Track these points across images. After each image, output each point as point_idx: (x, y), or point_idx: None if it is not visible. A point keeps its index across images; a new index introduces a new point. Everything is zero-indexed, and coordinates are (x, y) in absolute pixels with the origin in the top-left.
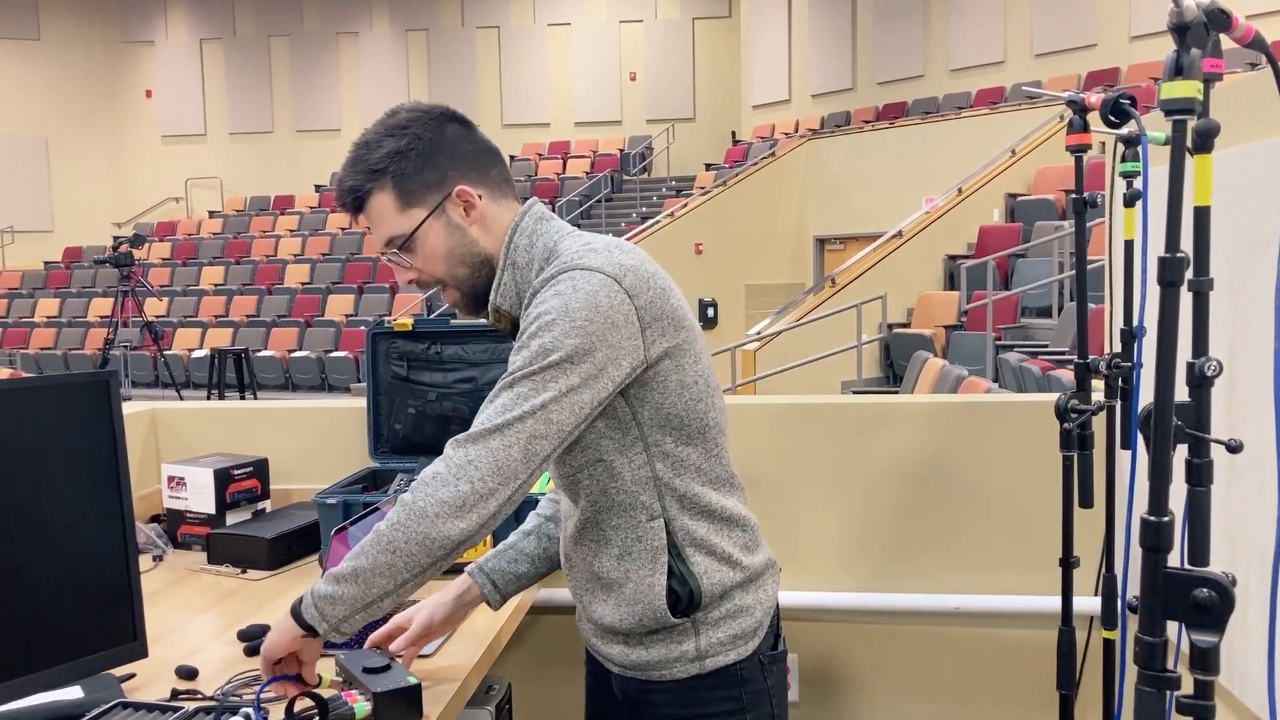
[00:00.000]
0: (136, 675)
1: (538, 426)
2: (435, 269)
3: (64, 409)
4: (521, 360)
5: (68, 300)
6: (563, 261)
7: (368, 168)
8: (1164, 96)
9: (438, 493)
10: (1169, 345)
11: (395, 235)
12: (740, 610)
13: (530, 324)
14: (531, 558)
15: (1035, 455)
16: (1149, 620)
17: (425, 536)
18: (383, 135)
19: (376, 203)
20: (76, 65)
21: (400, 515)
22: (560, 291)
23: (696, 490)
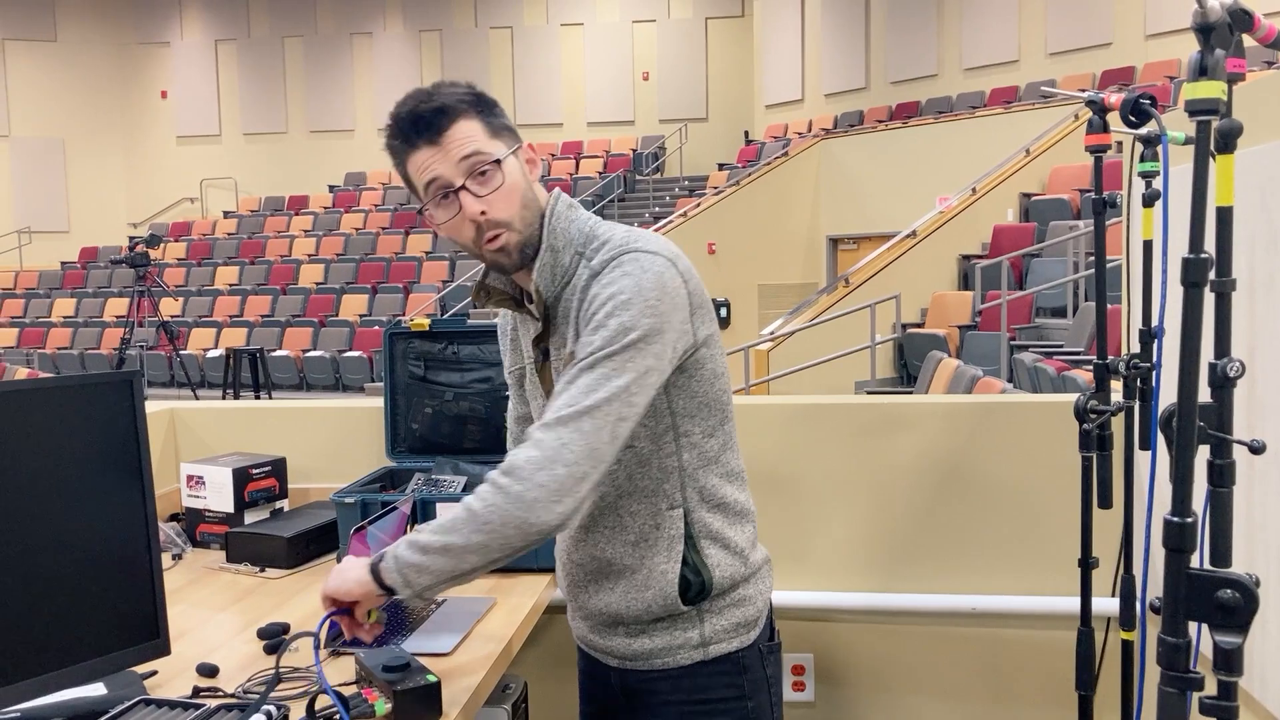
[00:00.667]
0: (158, 673)
1: (623, 409)
2: (511, 202)
3: (88, 409)
4: (601, 340)
5: (84, 300)
6: (619, 244)
7: (455, 95)
8: (1189, 97)
9: (534, 476)
10: (1192, 346)
11: (484, 152)
12: (743, 600)
13: (603, 304)
14: None
15: (1052, 456)
16: (1172, 621)
17: (524, 521)
18: (451, 85)
19: (465, 125)
20: (93, 67)
21: (497, 498)
22: (629, 272)
23: (715, 482)
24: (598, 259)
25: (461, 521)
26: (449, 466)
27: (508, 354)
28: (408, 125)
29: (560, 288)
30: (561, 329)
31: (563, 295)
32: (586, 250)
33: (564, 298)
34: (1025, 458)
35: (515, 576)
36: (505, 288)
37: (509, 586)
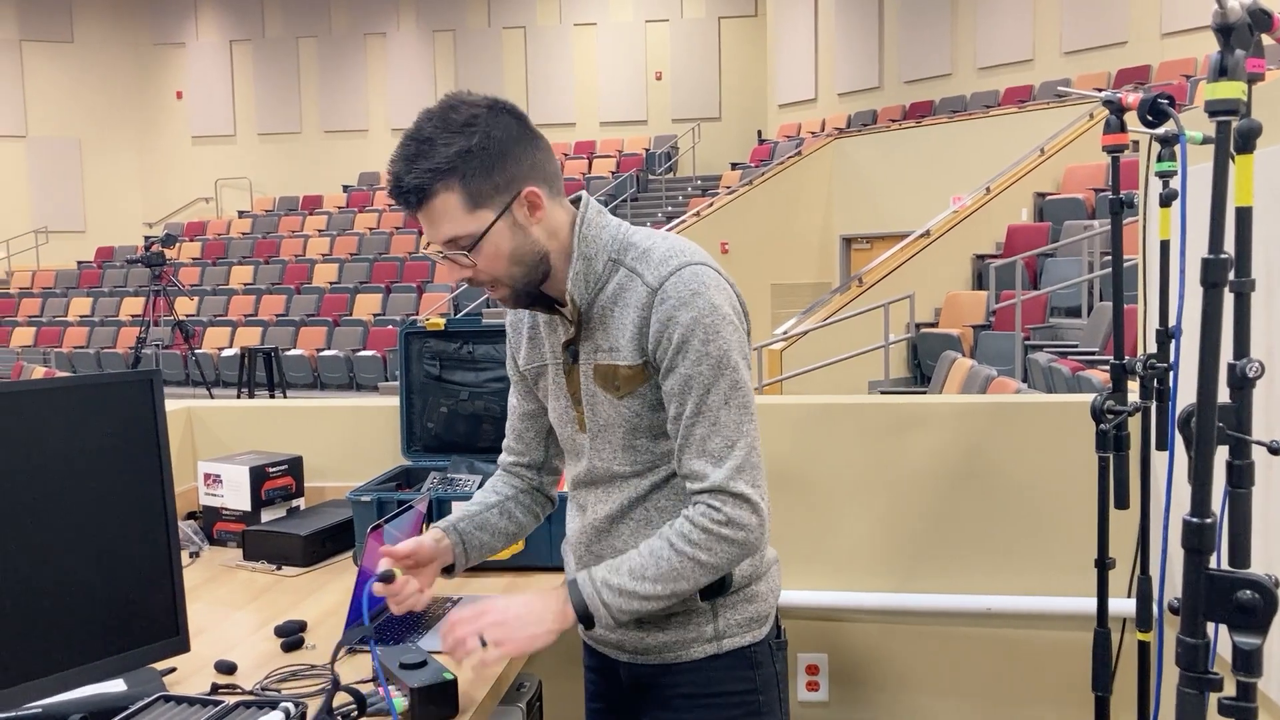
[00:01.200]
0: (177, 669)
1: (756, 421)
2: (496, 269)
3: (109, 407)
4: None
5: (100, 300)
6: (666, 256)
7: (433, 165)
8: (1209, 97)
9: (751, 519)
10: (1212, 346)
11: (460, 236)
12: (755, 595)
13: (691, 329)
14: (493, 530)
15: (1067, 456)
16: (1191, 622)
17: (748, 554)
18: (446, 133)
19: (441, 202)
20: (108, 67)
21: (726, 548)
22: (699, 291)
23: None
24: (650, 274)
25: (689, 571)
26: (464, 465)
27: (523, 349)
28: (391, 190)
29: (594, 293)
30: (596, 336)
31: (597, 300)
32: (624, 258)
33: (598, 303)
34: (1040, 458)
35: (531, 575)
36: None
37: (524, 585)
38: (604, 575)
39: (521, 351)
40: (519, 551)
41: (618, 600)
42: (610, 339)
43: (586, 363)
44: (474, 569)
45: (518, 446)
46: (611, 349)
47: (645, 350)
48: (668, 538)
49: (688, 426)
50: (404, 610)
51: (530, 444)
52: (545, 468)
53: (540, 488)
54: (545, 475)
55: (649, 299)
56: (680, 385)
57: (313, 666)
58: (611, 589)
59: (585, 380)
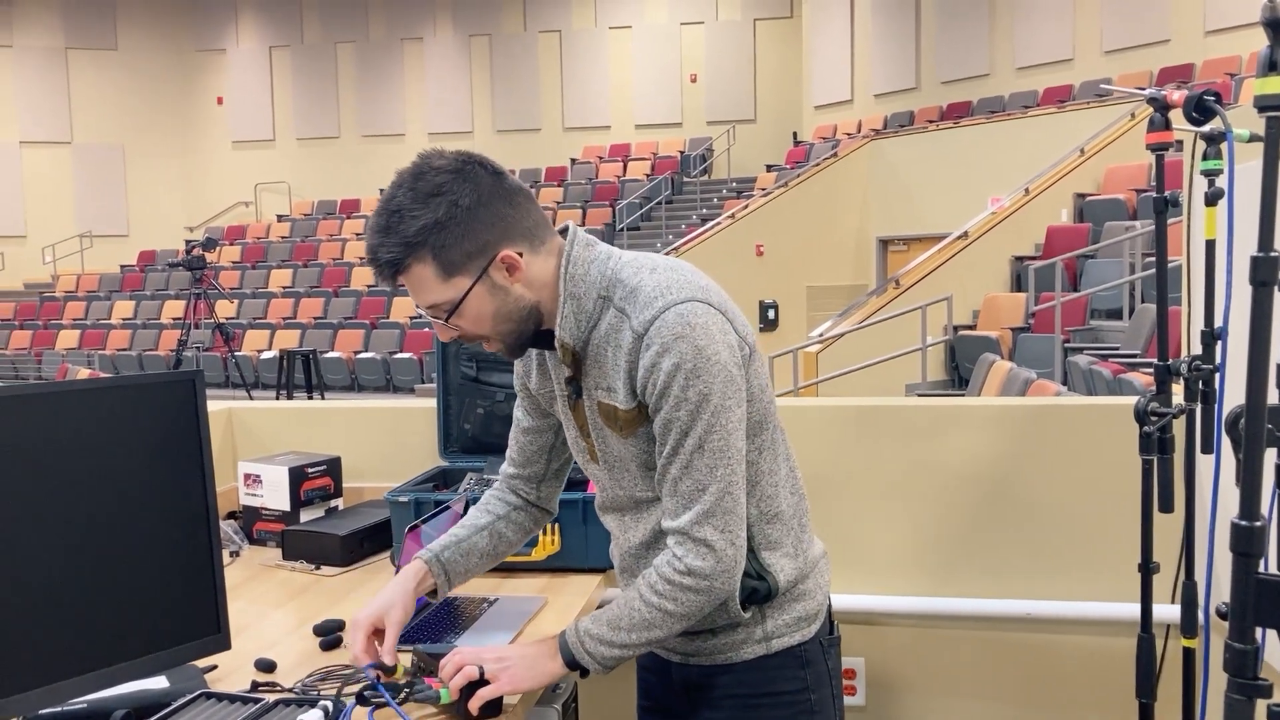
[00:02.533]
0: (218, 667)
1: (738, 467)
2: (482, 329)
3: (151, 408)
4: (687, 415)
5: (142, 302)
6: (652, 297)
7: (404, 239)
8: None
9: (715, 568)
10: (1262, 346)
11: (438, 304)
12: (803, 594)
13: (672, 375)
14: (482, 554)
15: (1109, 459)
16: (1240, 627)
17: (716, 601)
18: (414, 204)
19: (416, 273)
20: (151, 74)
21: (689, 597)
22: (681, 335)
23: (770, 493)
24: (636, 317)
25: (659, 621)
26: (500, 466)
27: (534, 376)
28: (370, 264)
29: (587, 332)
30: (594, 373)
31: (591, 339)
32: (613, 296)
33: (592, 341)
34: (1081, 461)
35: (566, 576)
36: None
37: (560, 586)
38: (587, 626)
39: (533, 376)
40: (555, 553)
41: (600, 649)
42: (607, 379)
43: (590, 398)
44: (510, 569)
45: (519, 459)
46: (609, 389)
47: (637, 394)
48: (638, 588)
49: (663, 468)
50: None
51: (531, 458)
52: (545, 481)
53: (538, 502)
54: (544, 488)
55: (635, 344)
56: (661, 428)
57: (349, 666)
58: (593, 639)
59: (591, 414)
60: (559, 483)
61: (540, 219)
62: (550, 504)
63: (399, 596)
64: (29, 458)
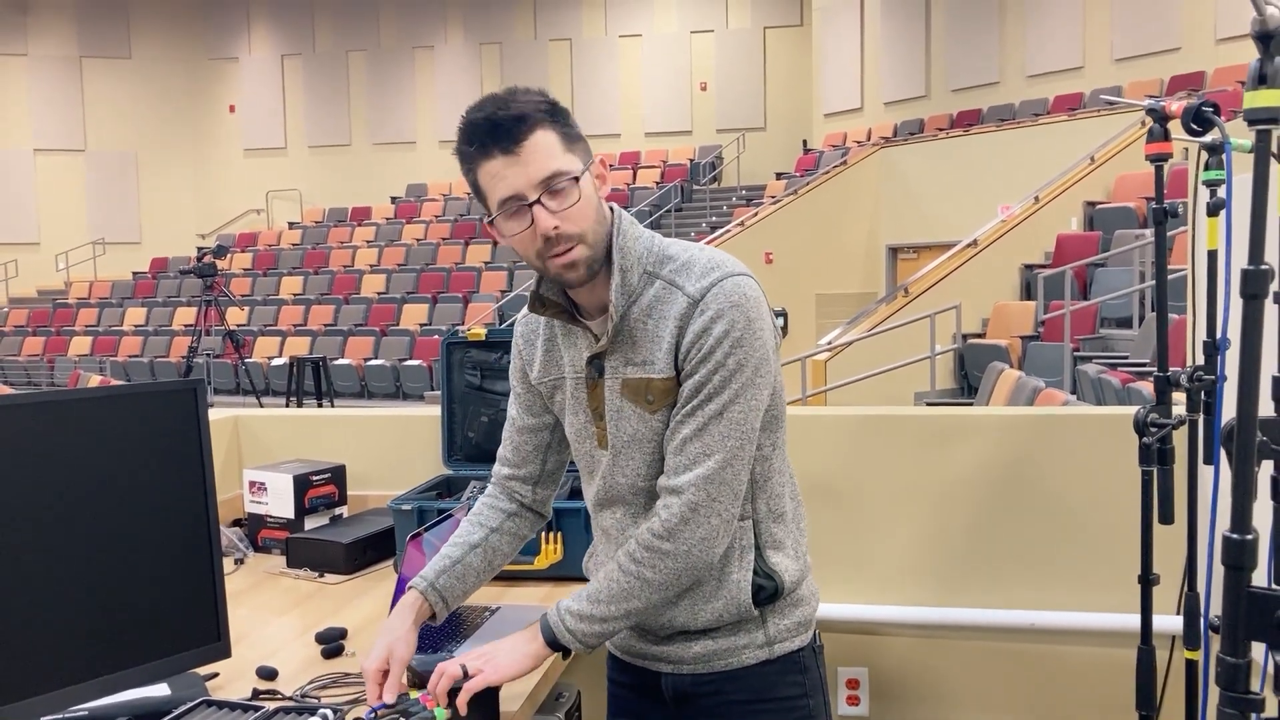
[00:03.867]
0: (219, 674)
1: (750, 444)
2: (585, 217)
3: (153, 416)
4: (720, 380)
5: (154, 309)
6: (707, 267)
7: (532, 102)
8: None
9: (695, 533)
10: (1253, 359)
11: (563, 170)
12: (801, 600)
13: (719, 339)
14: (478, 572)
15: (1113, 469)
16: (1231, 641)
17: (694, 571)
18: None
19: (543, 136)
20: (164, 82)
21: (666, 563)
22: (737, 303)
23: (778, 491)
24: (692, 285)
25: (637, 590)
26: None
27: (537, 362)
28: (483, 132)
29: (627, 306)
30: (624, 349)
31: (630, 313)
32: (661, 271)
33: (630, 316)
34: (1086, 471)
35: (568, 585)
36: (558, 299)
37: (562, 595)
38: (567, 604)
39: (535, 364)
40: (557, 561)
41: (580, 625)
42: (642, 352)
43: (613, 377)
44: (513, 578)
45: (514, 459)
46: (645, 362)
47: (678, 361)
48: (617, 559)
49: (676, 426)
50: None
51: (527, 457)
52: (541, 482)
53: (533, 505)
54: (540, 490)
55: (688, 309)
56: (690, 389)
57: (349, 674)
58: (573, 615)
59: (611, 395)
60: (554, 486)
61: None
62: (545, 508)
63: (401, 633)
64: (31, 466)
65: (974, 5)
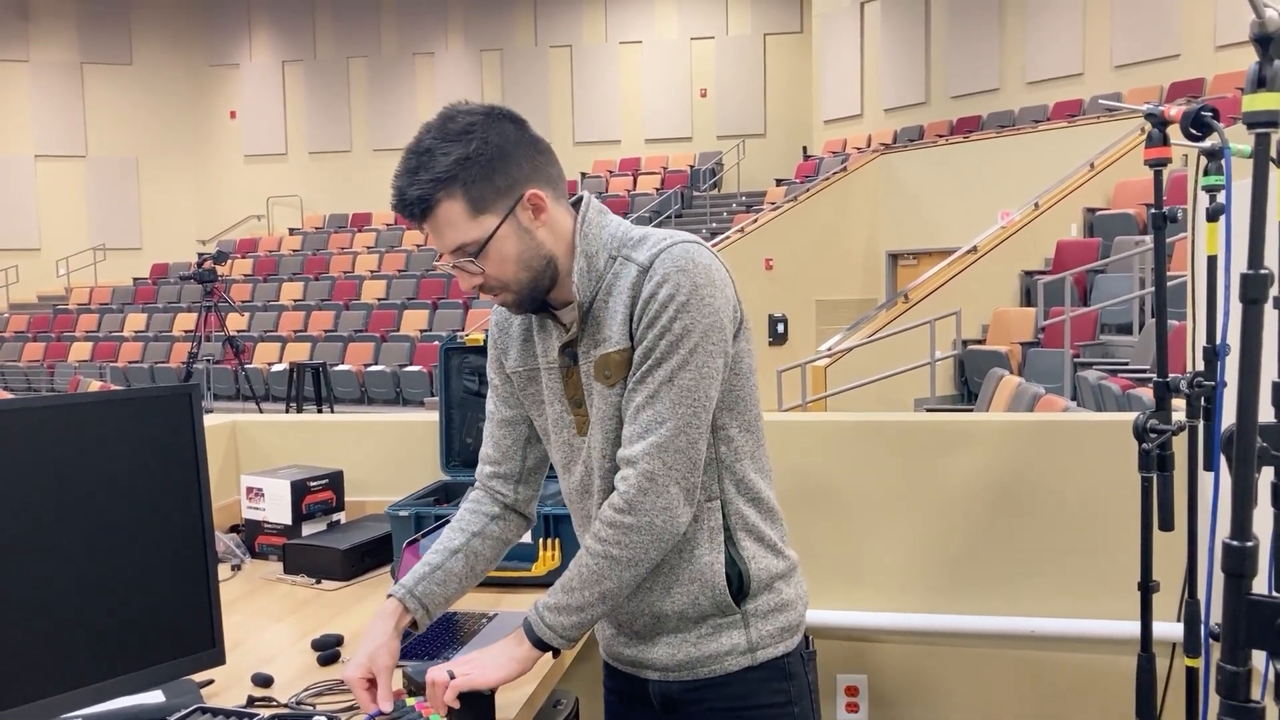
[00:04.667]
0: (214, 681)
1: (704, 411)
2: (505, 274)
3: (148, 421)
4: (667, 344)
5: (155, 315)
6: (660, 239)
7: (434, 175)
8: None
9: (656, 504)
10: (1253, 364)
11: (467, 243)
12: (786, 604)
13: (664, 305)
14: (460, 578)
15: (1112, 476)
16: (1231, 648)
17: (661, 543)
18: (444, 142)
19: (445, 211)
20: (165, 88)
21: (631, 537)
22: (683, 268)
23: (750, 476)
24: (642, 254)
25: (607, 570)
26: None
27: (512, 352)
28: (395, 203)
29: (594, 292)
30: (592, 332)
31: (596, 298)
32: (622, 252)
33: (597, 300)
34: (1085, 477)
35: None
36: None
37: None
38: (544, 600)
39: (511, 354)
40: (555, 568)
41: (558, 618)
42: (604, 330)
43: (586, 361)
44: (510, 585)
45: (495, 455)
46: (605, 339)
47: (632, 331)
48: (584, 543)
49: (629, 394)
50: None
51: (508, 452)
52: (523, 480)
53: (515, 505)
54: (522, 489)
55: (639, 278)
56: (640, 356)
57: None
58: (550, 609)
59: (587, 379)
60: (536, 485)
61: (562, 173)
62: (528, 509)
63: (382, 639)
64: (24, 472)
65: (974, 12)
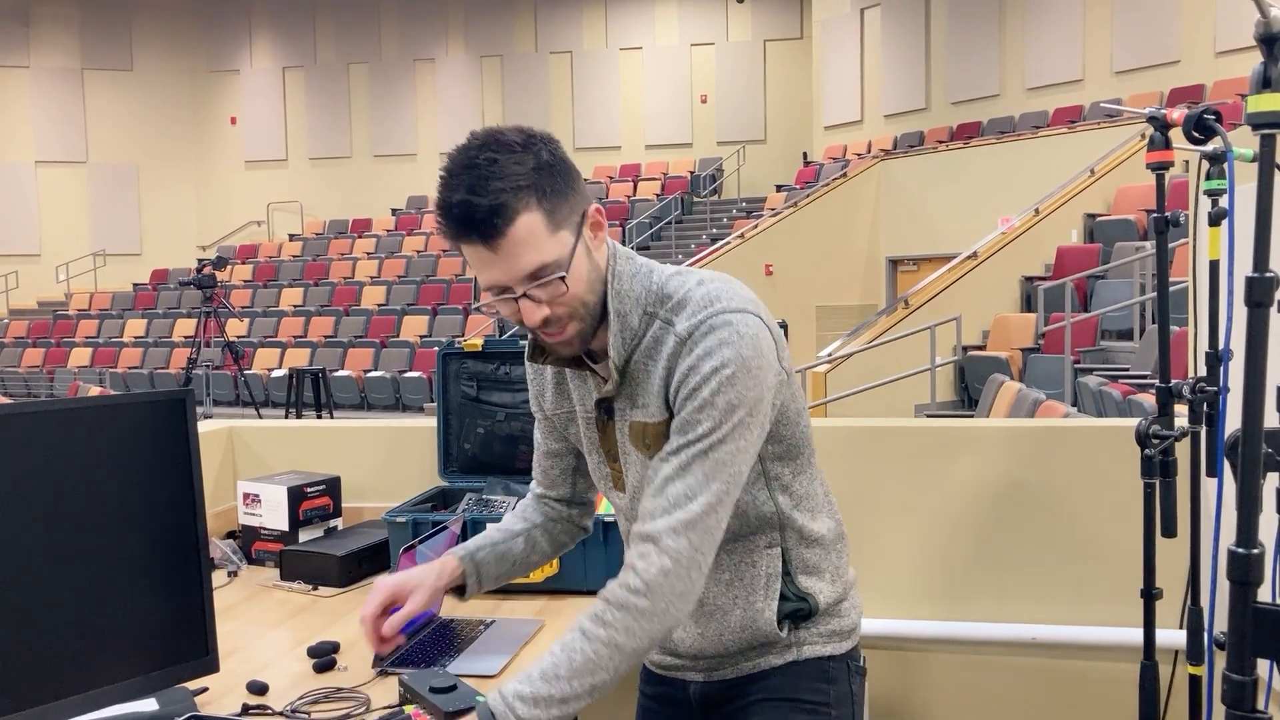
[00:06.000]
0: (209, 689)
1: (734, 488)
2: (576, 295)
3: (142, 426)
4: (710, 422)
5: (154, 321)
6: (702, 304)
7: (513, 183)
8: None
9: (674, 588)
10: (1258, 369)
11: (550, 262)
12: (839, 612)
13: (706, 378)
14: (515, 561)
15: (1116, 482)
16: (1237, 657)
17: (666, 630)
18: (507, 153)
19: (525, 224)
20: (166, 94)
21: (640, 623)
22: (727, 340)
23: (808, 519)
24: (682, 323)
25: (607, 660)
26: (500, 486)
27: (548, 395)
28: (458, 220)
29: (630, 350)
30: (629, 391)
31: (633, 357)
32: (660, 311)
33: (634, 360)
34: (1087, 484)
35: (564, 598)
36: None
37: (557, 608)
38: (515, 688)
39: (547, 397)
40: (553, 575)
41: (534, 712)
42: (644, 395)
43: (622, 419)
44: (508, 592)
45: (545, 481)
46: (643, 406)
47: (669, 401)
48: (580, 624)
49: (659, 462)
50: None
51: (556, 481)
52: (574, 501)
53: (571, 519)
54: (575, 508)
55: (677, 348)
56: (676, 426)
57: (341, 689)
58: (526, 699)
59: (621, 438)
60: (589, 507)
61: None
62: (585, 522)
63: (427, 581)
64: (16, 478)
65: (974, 18)
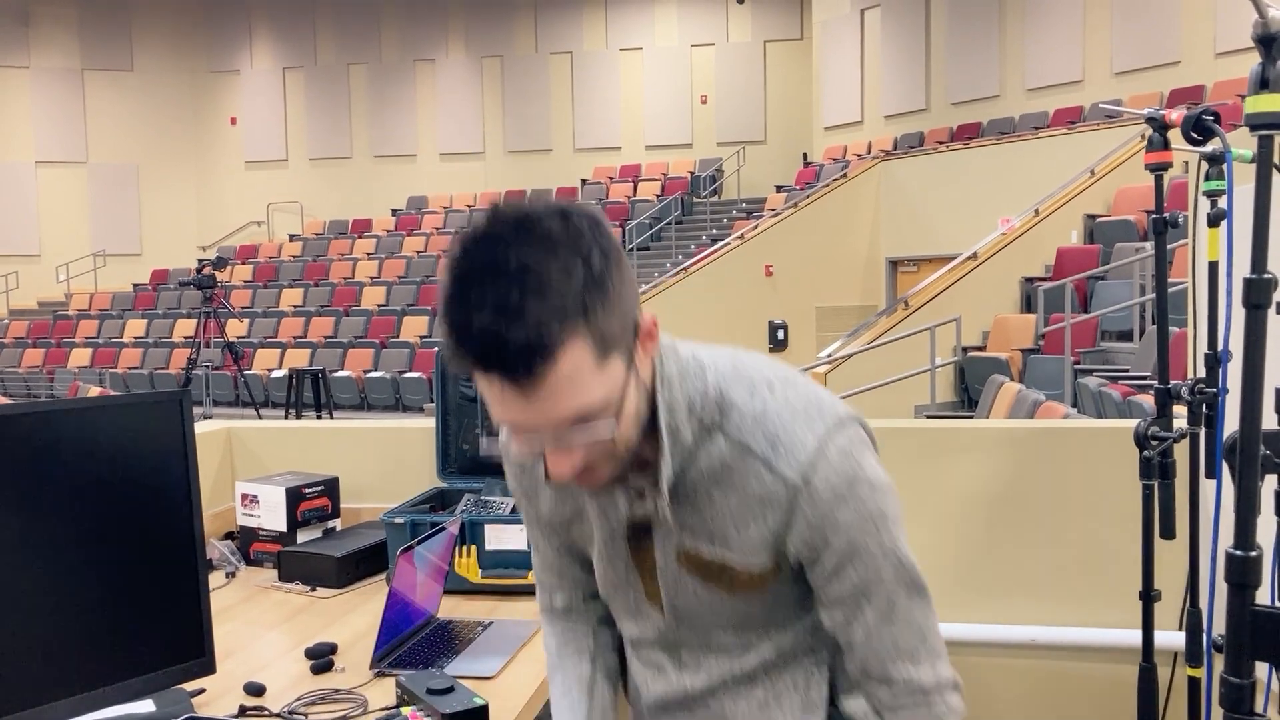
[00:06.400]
0: (206, 690)
1: (929, 594)
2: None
3: (139, 427)
4: (890, 571)
5: (154, 321)
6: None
7: (557, 306)
8: (1249, 111)
9: (956, 706)
10: (1256, 370)
11: (597, 405)
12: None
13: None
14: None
15: (1114, 483)
16: (1235, 660)
17: None
18: (547, 257)
19: (569, 362)
20: (166, 95)
21: None
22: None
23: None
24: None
25: None
26: (498, 487)
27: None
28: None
29: (683, 468)
30: (685, 518)
31: (688, 475)
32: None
33: (689, 478)
34: (1086, 485)
35: None
36: None
37: None
38: None
39: (543, 501)
40: None
41: None
42: (710, 526)
43: (666, 542)
44: (506, 593)
45: (563, 584)
46: (716, 541)
47: (785, 553)
48: None
49: (874, 632)
50: None
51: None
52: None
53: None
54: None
55: (788, 496)
56: (853, 591)
57: (339, 691)
58: None
59: (665, 560)
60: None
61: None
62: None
63: None
64: (12, 478)
65: (974, 19)
